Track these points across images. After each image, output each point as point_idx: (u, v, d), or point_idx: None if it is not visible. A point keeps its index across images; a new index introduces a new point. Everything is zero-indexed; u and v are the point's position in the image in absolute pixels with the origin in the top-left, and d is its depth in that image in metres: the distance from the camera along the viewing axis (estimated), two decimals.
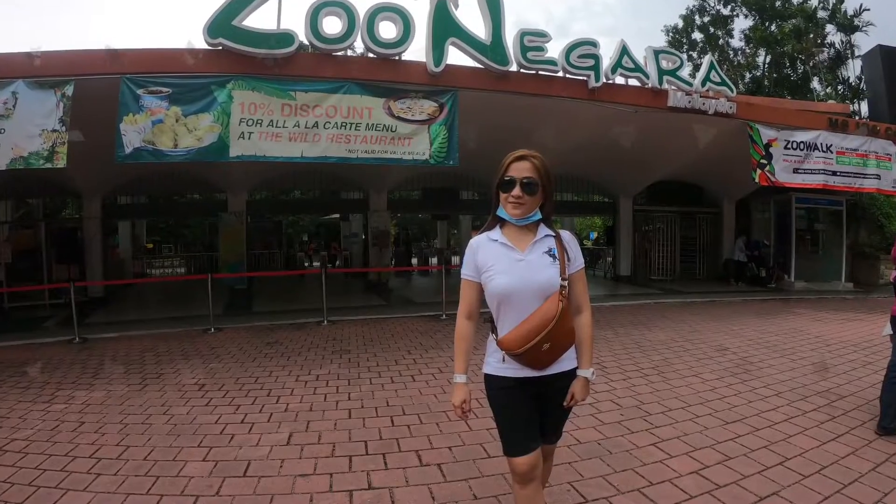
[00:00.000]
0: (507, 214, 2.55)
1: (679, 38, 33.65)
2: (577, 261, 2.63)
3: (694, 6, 33.09)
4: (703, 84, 11.04)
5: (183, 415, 5.31)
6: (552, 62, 9.61)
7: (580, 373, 2.64)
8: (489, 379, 2.65)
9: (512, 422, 2.60)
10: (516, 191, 2.49)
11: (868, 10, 27.51)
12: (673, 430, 4.78)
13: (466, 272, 2.65)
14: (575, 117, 11.45)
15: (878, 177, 12.79)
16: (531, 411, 2.60)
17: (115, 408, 5.53)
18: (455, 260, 22.53)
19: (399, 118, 8.71)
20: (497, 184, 2.57)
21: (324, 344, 8.55)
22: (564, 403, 2.63)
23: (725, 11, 32.27)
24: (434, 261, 25.91)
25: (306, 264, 25.86)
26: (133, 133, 7.60)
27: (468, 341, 2.69)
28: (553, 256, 2.54)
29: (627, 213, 18.75)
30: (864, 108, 24.76)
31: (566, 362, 2.60)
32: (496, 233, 2.62)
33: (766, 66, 30.84)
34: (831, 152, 12.22)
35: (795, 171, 11.91)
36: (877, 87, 16.54)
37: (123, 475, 3.96)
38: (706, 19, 32.88)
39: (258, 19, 8.14)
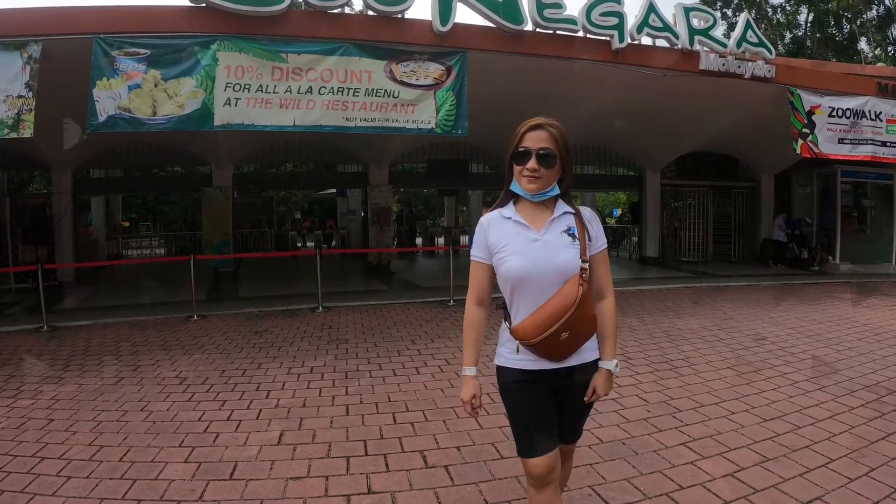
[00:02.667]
0: (522, 189, 2.50)
1: None
2: (600, 240, 2.58)
3: None
4: (739, 45, 10.92)
5: (162, 411, 5.31)
6: (572, 21, 9.50)
7: (602, 364, 2.59)
8: (502, 371, 2.61)
9: (527, 419, 2.55)
10: (531, 163, 2.43)
11: None
12: (705, 429, 4.75)
13: (476, 253, 2.60)
14: (597, 82, 11.37)
15: None
16: (548, 407, 2.55)
17: (87, 403, 5.54)
18: (464, 240, 22.52)
19: (402, 83, 8.65)
20: (510, 155, 2.51)
21: (318, 333, 8.56)
22: (585, 398, 2.58)
23: None
24: (440, 241, 25.89)
25: (299, 244, 25.94)
26: (107, 99, 7.56)
27: (478, 330, 2.64)
28: (573, 236, 2.49)
29: (655, 187, 18.68)
30: None
31: (587, 353, 2.55)
32: (509, 210, 2.57)
33: (809, 24, 30.56)
34: (881, 120, 12.11)
35: (841, 141, 11.83)
36: None
37: (97, 478, 3.95)
38: None
39: None
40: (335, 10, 8.67)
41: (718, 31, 11.10)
